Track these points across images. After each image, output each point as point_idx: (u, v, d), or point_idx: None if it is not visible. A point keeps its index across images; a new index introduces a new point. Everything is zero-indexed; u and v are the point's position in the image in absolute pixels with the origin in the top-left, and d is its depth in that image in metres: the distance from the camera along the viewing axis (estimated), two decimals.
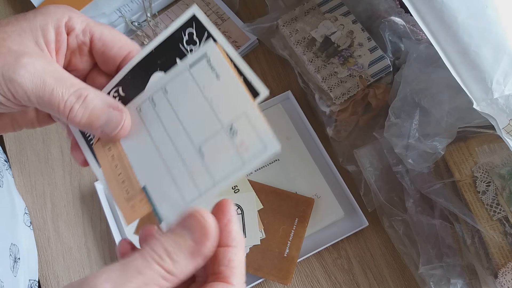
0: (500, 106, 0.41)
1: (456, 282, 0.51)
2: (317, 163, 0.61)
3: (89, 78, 0.36)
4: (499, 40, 0.42)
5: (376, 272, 0.57)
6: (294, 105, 0.64)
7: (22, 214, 0.61)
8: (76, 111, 0.31)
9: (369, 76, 0.59)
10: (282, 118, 0.64)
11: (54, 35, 0.32)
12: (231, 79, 0.28)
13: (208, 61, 0.29)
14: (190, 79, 0.30)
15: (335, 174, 0.60)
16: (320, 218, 0.58)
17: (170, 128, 0.31)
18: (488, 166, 0.50)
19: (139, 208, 0.32)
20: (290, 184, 0.60)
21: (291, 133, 0.63)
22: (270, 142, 0.28)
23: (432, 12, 0.43)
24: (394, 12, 0.61)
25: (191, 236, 0.28)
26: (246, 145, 0.28)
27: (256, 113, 0.28)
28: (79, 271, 0.59)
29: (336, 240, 0.57)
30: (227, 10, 0.71)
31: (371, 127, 0.60)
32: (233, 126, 0.28)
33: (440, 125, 0.50)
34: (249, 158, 0.28)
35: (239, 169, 0.28)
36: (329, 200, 0.59)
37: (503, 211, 0.48)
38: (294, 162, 0.61)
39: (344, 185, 0.59)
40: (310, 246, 0.58)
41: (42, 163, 0.65)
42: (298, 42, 0.62)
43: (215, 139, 0.29)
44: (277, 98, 0.64)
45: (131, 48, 0.34)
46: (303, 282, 0.57)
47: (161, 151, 0.31)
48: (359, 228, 0.58)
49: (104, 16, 0.70)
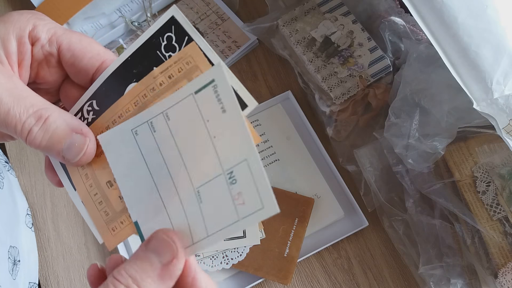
0: (500, 106, 0.41)
1: (456, 282, 0.51)
2: (317, 163, 0.61)
3: (62, 91, 0.33)
4: (499, 40, 0.42)
5: (376, 272, 0.57)
6: (294, 105, 0.64)
7: (24, 215, 0.61)
8: (35, 134, 0.28)
9: (369, 76, 0.59)
10: (282, 118, 0.64)
11: (15, 46, 0.30)
12: (237, 118, 0.26)
13: (215, 89, 0.26)
14: (194, 108, 0.27)
15: (335, 174, 0.60)
16: (320, 218, 0.58)
17: (169, 159, 0.28)
18: (488, 166, 0.50)
19: (121, 231, 0.30)
20: (290, 184, 0.60)
21: (291, 133, 0.63)
22: (269, 202, 0.25)
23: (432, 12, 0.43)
24: (394, 12, 0.61)
25: (158, 258, 0.26)
26: (243, 198, 0.25)
27: (259, 163, 0.25)
28: (79, 271, 0.59)
29: (336, 240, 0.57)
30: (227, 10, 0.71)
31: (371, 127, 0.60)
32: (233, 173, 0.26)
33: (440, 125, 0.50)
34: (244, 215, 0.26)
35: (233, 224, 0.26)
36: (329, 200, 0.59)
37: (503, 211, 0.48)
38: (294, 162, 0.61)
39: (344, 185, 0.59)
40: (310, 246, 0.58)
41: (42, 163, 0.65)
42: (298, 42, 0.62)
43: (214, 183, 0.27)
44: (277, 98, 0.64)
45: (104, 58, 0.32)
46: (303, 282, 0.57)
47: (157, 181, 0.29)
48: (359, 228, 0.58)
49: (104, 16, 0.70)
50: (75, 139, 0.29)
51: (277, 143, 0.62)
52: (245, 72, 0.68)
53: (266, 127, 0.63)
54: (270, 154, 0.62)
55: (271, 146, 0.62)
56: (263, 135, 0.63)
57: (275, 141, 0.63)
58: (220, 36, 0.70)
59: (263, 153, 0.62)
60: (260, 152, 0.62)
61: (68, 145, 0.29)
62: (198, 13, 0.71)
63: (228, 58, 0.68)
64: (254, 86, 0.67)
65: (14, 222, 0.59)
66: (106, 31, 0.69)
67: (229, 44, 0.69)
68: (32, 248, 0.60)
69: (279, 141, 0.63)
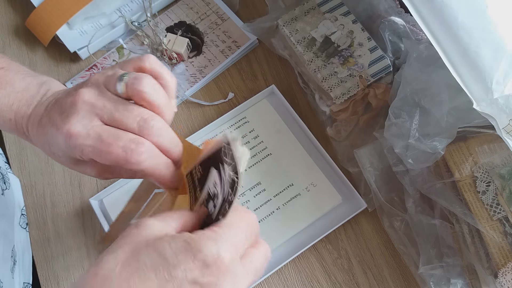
0: (500, 106, 0.41)
1: (456, 282, 0.51)
2: (309, 153, 0.61)
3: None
4: (499, 40, 0.42)
5: (376, 272, 0.57)
6: (280, 98, 0.64)
7: (19, 215, 0.61)
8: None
9: (369, 76, 0.59)
10: (269, 112, 0.64)
11: None
12: None
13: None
14: None
15: (328, 160, 0.61)
16: (318, 206, 0.59)
17: None
18: (488, 166, 0.50)
19: None
20: (285, 176, 0.60)
21: (280, 126, 0.63)
22: None
23: (432, 12, 0.43)
24: (394, 12, 0.61)
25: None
26: None
27: None
28: (79, 271, 0.59)
29: (337, 225, 0.57)
30: (227, 10, 0.71)
31: (371, 127, 0.60)
32: None
33: (440, 125, 0.50)
34: None
35: None
36: (325, 187, 0.59)
37: (503, 211, 0.48)
38: (286, 154, 0.62)
39: (339, 170, 0.59)
40: (312, 234, 0.58)
41: (42, 163, 0.65)
42: (298, 42, 0.62)
43: None
44: (261, 94, 0.64)
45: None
46: (303, 282, 0.57)
47: None
48: (358, 211, 0.58)
49: (104, 16, 0.70)
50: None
51: (267, 138, 0.63)
52: (245, 72, 0.68)
53: (254, 123, 0.64)
54: (262, 150, 0.62)
55: (262, 141, 0.62)
56: (252, 132, 0.63)
57: (265, 136, 0.63)
58: (220, 36, 0.69)
59: (254, 149, 0.62)
60: (252, 149, 0.62)
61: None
62: (198, 13, 0.71)
63: (228, 58, 0.68)
64: (254, 86, 0.67)
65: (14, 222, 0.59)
66: (106, 31, 0.69)
67: (229, 44, 0.69)
68: (27, 248, 0.60)
69: (269, 135, 0.63)
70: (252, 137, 0.63)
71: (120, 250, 0.28)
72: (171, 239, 0.28)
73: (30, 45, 0.72)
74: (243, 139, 0.63)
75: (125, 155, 0.33)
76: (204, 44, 0.69)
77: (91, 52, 0.69)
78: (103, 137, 0.34)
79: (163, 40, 0.66)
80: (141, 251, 0.27)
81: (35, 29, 0.69)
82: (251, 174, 0.61)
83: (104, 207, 0.61)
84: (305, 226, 0.58)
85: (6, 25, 0.73)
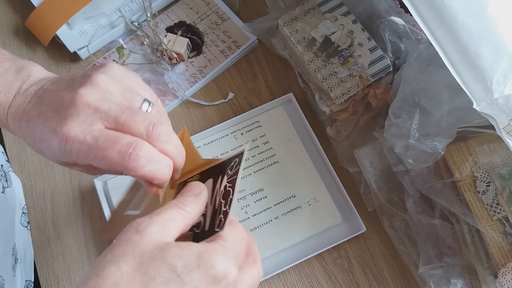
0: (500, 106, 0.41)
1: (456, 282, 0.51)
2: (316, 167, 0.61)
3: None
4: (499, 40, 0.42)
5: (376, 272, 0.57)
6: (296, 107, 0.64)
7: (20, 214, 0.61)
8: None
9: (369, 76, 0.59)
10: (283, 120, 0.63)
11: None
12: None
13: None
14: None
15: (334, 178, 0.60)
16: (317, 222, 0.58)
17: None
18: (488, 166, 0.50)
19: None
20: (289, 187, 0.60)
21: (292, 136, 0.62)
22: None
23: (432, 12, 0.43)
24: (394, 12, 0.61)
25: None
26: None
27: None
28: (79, 271, 0.59)
29: (333, 245, 0.57)
30: (227, 10, 0.71)
31: (371, 127, 0.60)
32: None
33: (440, 125, 0.50)
34: None
35: None
36: (327, 204, 0.59)
37: (503, 211, 0.48)
38: (293, 165, 0.61)
39: (343, 188, 0.59)
40: (308, 248, 0.57)
41: (42, 163, 0.65)
42: (298, 42, 0.62)
43: None
44: (278, 100, 0.64)
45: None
46: (303, 282, 0.57)
47: None
48: (356, 233, 0.57)
49: (104, 16, 0.70)
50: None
51: (277, 146, 0.62)
52: (245, 72, 0.68)
53: (266, 128, 0.63)
54: (270, 156, 0.62)
55: (271, 148, 0.62)
56: (263, 137, 0.63)
57: (275, 143, 0.62)
58: (220, 36, 0.70)
59: (262, 155, 0.62)
60: (260, 154, 0.62)
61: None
62: (198, 13, 0.71)
63: (228, 58, 0.68)
64: (254, 86, 0.67)
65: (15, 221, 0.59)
66: (106, 31, 0.69)
67: (229, 44, 0.69)
68: (28, 247, 0.61)
69: (280, 143, 0.62)
70: (262, 142, 0.62)
71: (122, 261, 0.27)
72: (180, 252, 0.27)
73: (30, 45, 0.72)
74: (253, 143, 0.62)
75: (122, 161, 0.32)
76: (204, 44, 0.69)
77: (91, 52, 0.69)
78: (99, 141, 0.32)
79: (163, 40, 0.66)
80: (148, 264, 0.27)
81: (35, 29, 0.69)
82: (255, 179, 0.60)
83: (108, 189, 0.60)
84: (300, 241, 0.57)
85: (6, 25, 0.73)
